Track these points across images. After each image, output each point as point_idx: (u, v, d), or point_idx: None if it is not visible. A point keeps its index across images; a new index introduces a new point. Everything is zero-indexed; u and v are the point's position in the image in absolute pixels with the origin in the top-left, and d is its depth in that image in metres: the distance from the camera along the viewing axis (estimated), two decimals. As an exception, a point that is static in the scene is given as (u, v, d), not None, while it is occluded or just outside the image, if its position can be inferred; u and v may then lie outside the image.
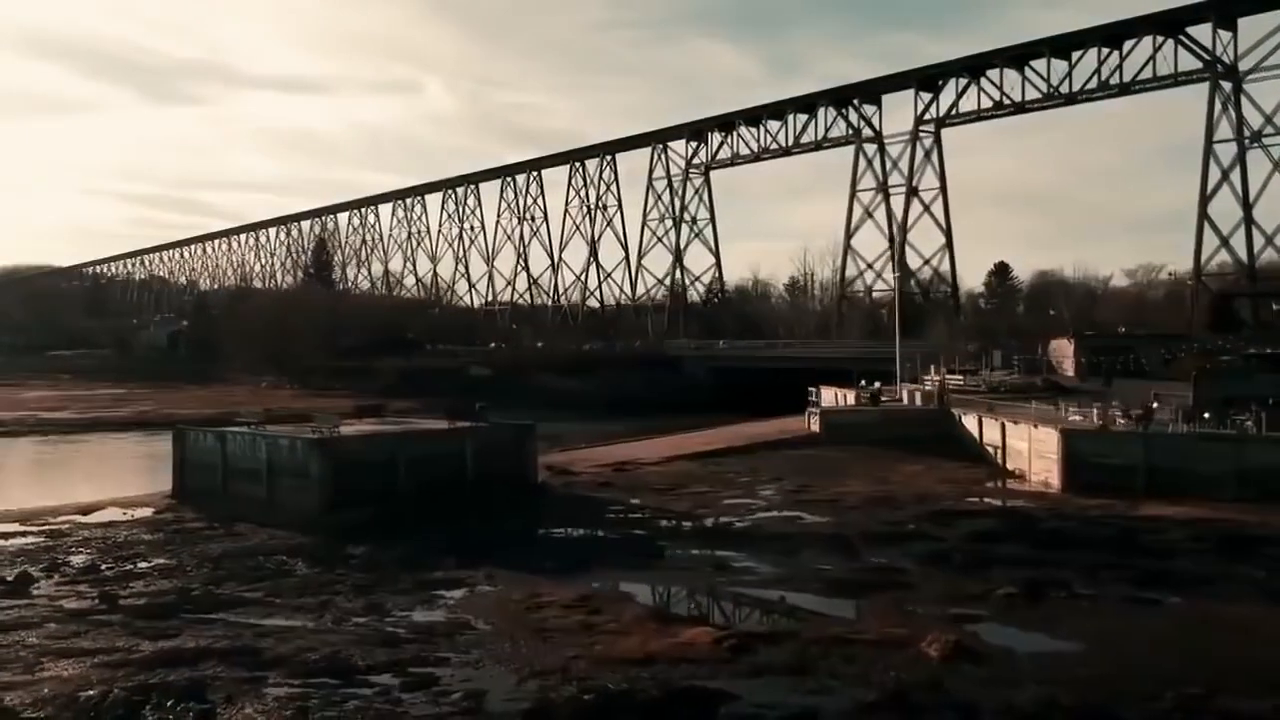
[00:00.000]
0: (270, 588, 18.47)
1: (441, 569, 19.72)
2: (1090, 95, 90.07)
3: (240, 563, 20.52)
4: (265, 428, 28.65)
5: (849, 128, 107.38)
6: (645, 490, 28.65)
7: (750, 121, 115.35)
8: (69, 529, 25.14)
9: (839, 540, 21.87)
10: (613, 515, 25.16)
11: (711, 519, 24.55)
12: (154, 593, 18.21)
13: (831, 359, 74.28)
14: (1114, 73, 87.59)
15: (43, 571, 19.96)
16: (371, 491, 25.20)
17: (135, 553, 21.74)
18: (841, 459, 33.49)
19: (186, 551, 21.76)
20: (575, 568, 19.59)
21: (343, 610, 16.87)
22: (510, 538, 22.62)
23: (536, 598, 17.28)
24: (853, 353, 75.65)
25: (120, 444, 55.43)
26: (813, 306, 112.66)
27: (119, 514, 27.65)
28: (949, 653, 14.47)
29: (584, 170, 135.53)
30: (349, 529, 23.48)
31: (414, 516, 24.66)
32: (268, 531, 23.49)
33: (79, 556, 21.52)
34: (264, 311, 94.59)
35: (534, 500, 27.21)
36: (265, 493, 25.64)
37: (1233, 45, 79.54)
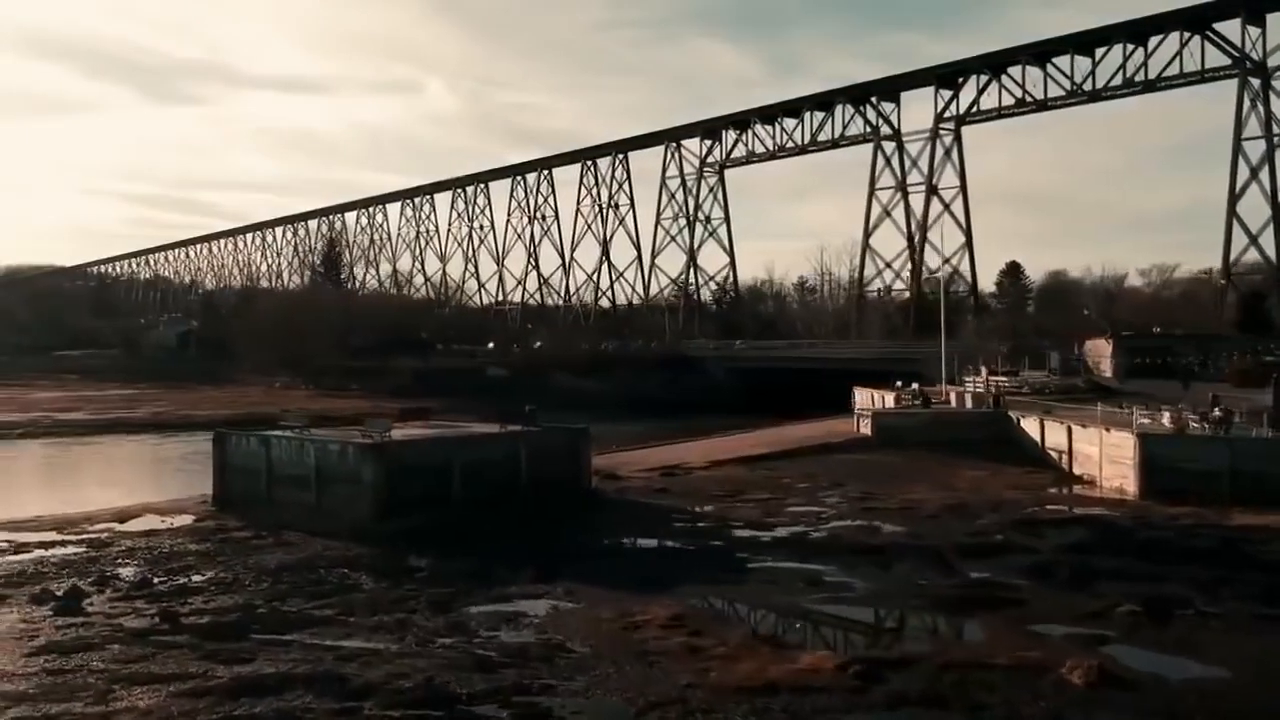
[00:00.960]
0: (339, 604, 17.32)
1: (516, 583, 18.59)
2: (1115, 92, 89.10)
3: (301, 576, 19.38)
4: (311, 431, 27.49)
5: (866, 125, 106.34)
6: (705, 497, 27.51)
7: (765, 119, 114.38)
8: (109, 538, 24.05)
9: (929, 552, 20.73)
10: (680, 524, 24.01)
11: (785, 528, 23.40)
12: (216, 610, 17.07)
13: (854, 359, 73.24)
14: (1139, 70, 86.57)
15: (93, 585, 18.84)
16: (425, 498, 24.11)
17: (186, 565, 20.60)
18: (898, 464, 32.37)
19: (240, 563, 20.63)
20: (658, 582, 18.44)
21: (424, 630, 15.71)
22: (581, 549, 21.47)
23: (629, 617, 16.13)
24: (876, 353, 74.67)
25: (138, 446, 54.37)
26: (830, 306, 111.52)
27: (157, 521, 26.56)
28: (1094, 679, 13.35)
29: (595, 169, 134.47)
30: (404, 538, 22.43)
31: (469, 525, 23.61)
32: (320, 541, 22.34)
33: (127, 569, 20.40)
34: (277, 311, 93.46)
35: (592, 507, 26.09)
36: (314, 499, 24.51)
37: (1262, 41, 78.56)
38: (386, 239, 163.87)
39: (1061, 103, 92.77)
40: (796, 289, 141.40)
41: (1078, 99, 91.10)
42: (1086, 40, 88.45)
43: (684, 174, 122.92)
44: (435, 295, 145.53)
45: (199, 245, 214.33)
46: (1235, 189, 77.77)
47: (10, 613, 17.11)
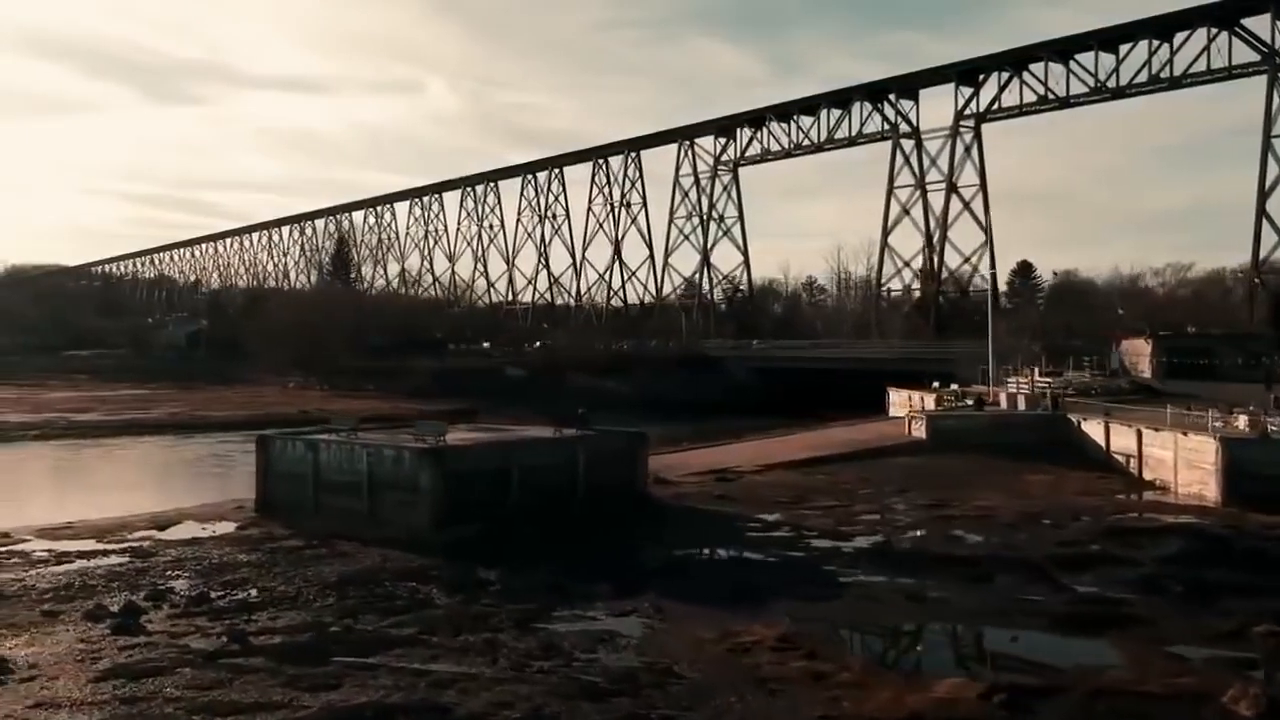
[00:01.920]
0: (416, 622, 16.21)
1: (597, 598, 17.50)
2: (1140, 89, 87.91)
3: (367, 590, 18.27)
4: (359, 434, 26.37)
5: (884, 123, 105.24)
6: (768, 504, 26.41)
7: (781, 117, 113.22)
8: (152, 547, 22.93)
9: (1025, 564, 19.63)
10: (752, 534, 22.90)
11: (863, 538, 22.30)
12: (286, 628, 15.96)
13: (880, 359, 72.18)
14: (1164, 67, 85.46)
15: (147, 600, 17.72)
16: (483, 506, 23.00)
17: (240, 577, 19.48)
18: (958, 468, 31.27)
19: (298, 576, 19.51)
20: (749, 598, 17.35)
21: (516, 652, 14.60)
22: (655, 560, 20.36)
23: (733, 638, 15.02)
24: (903, 353, 73.56)
25: (155, 447, 53.20)
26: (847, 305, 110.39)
27: (198, 528, 25.47)
28: (1263, 710, 12.27)
29: (607, 168, 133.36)
30: (463, 547, 21.35)
31: (529, 533, 22.53)
32: (379, 552, 21.23)
33: (180, 581, 19.29)
34: (290, 311, 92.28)
35: (653, 515, 24.97)
36: (366, 507, 23.39)
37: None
38: (395, 238, 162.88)
39: (1085, 100, 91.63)
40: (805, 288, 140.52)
41: (1101, 96, 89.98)
42: (1110, 37, 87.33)
43: (697, 172, 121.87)
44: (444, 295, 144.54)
45: (204, 245, 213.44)
46: (1265, 186, 76.63)
47: (66, 631, 16.01)
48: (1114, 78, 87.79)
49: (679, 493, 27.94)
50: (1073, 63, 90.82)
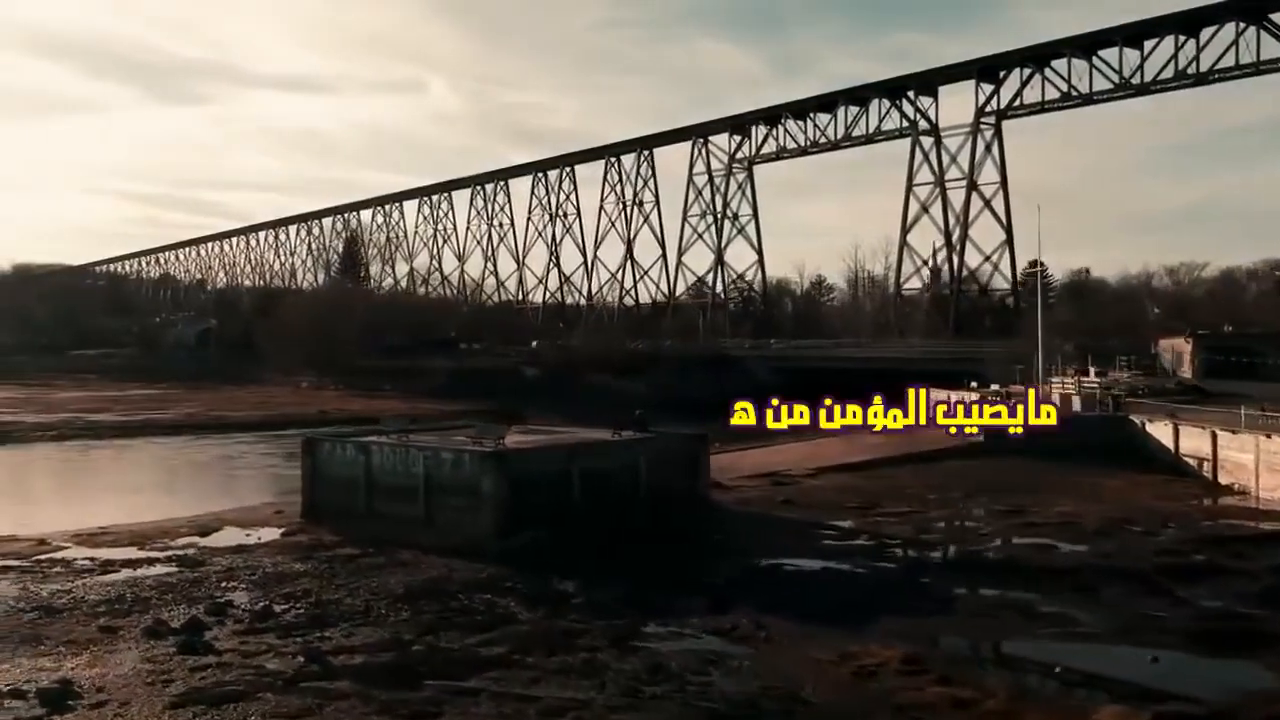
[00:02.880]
0: (503, 639, 15.11)
1: (690, 613, 16.40)
2: (1165, 85, 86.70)
3: (440, 603, 17.16)
4: (411, 437, 25.28)
5: (903, 120, 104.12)
6: (837, 509, 25.31)
7: (797, 114, 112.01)
8: (198, 555, 21.85)
9: (1130, 575, 18.53)
10: (830, 542, 21.81)
11: (950, 546, 21.20)
12: (365, 647, 14.85)
13: (906, 360, 71.02)
14: (1191, 62, 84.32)
15: (209, 615, 16.63)
16: (546, 511, 21.90)
17: (301, 589, 18.37)
18: (1023, 472, 30.11)
19: (363, 587, 18.41)
20: (852, 613, 16.28)
21: (623, 674, 13.49)
22: (739, 571, 19.25)
23: (854, 659, 13.93)
24: (928, 353, 72.43)
25: (174, 448, 52.08)
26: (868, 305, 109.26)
27: (241, 535, 24.39)
28: None
29: (619, 166, 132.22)
30: (527, 555, 20.28)
31: (595, 540, 21.46)
32: (442, 561, 20.15)
33: (238, 594, 18.18)
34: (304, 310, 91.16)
35: (719, 521, 23.88)
36: (422, 512, 22.28)
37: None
38: (403, 237, 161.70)
39: (1108, 96, 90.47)
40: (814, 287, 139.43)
41: (1125, 93, 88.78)
42: (1135, 32, 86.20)
43: (711, 170, 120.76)
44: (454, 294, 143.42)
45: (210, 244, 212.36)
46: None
47: (128, 649, 14.91)
48: (1139, 74, 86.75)
49: (740, 497, 26.85)
50: (1096, 59, 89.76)
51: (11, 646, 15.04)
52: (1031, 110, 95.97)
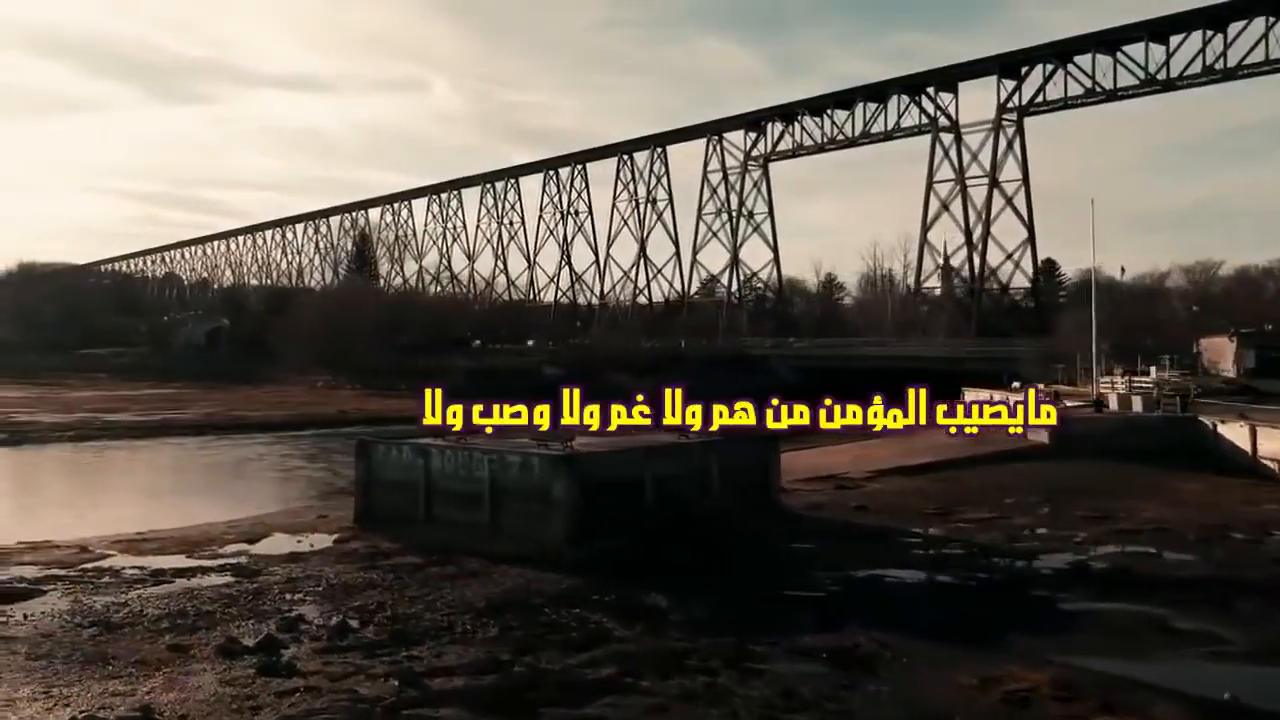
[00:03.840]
0: (608, 660, 13.96)
1: (798, 629, 15.26)
2: (1192, 81, 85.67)
3: (526, 618, 16.02)
4: (470, 439, 24.16)
5: (922, 116, 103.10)
6: (914, 515, 24.17)
7: (814, 111, 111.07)
8: (251, 563, 20.72)
9: (1259, 589, 17.38)
10: (919, 551, 20.67)
11: (1053, 556, 20.05)
12: (461, 668, 13.70)
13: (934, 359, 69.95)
14: (1219, 58, 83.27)
15: (281, 630, 15.49)
16: (619, 518, 20.78)
17: (374, 602, 17.21)
18: (1095, 475, 28.99)
19: (439, 600, 17.26)
20: (974, 630, 15.15)
21: (753, 701, 12.33)
22: (836, 584, 18.11)
23: (999, 683, 12.78)
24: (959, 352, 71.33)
25: (194, 448, 51.07)
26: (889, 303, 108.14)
27: (292, 542, 23.25)
28: None
29: (633, 164, 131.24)
30: (603, 565, 19.17)
31: (672, 550, 20.36)
32: (515, 571, 19.00)
33: (307, 607, 17.03)
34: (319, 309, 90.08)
35: (796, 529, 22.73)
36: (487, 519, 21.14)
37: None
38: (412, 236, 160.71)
39: (1133, 92, 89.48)
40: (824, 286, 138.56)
41: (1151, 89, 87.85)
42: (1160, 27, 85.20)
43: (726, 168, 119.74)
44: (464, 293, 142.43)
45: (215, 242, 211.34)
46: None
47: (202, 669, 13.77)
48: (1165, 70, 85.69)
49: (809, 502, 25.71)
50: (1120, 54, 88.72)
51: (77, 667, 13.91)
52: (1054, 107, 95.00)
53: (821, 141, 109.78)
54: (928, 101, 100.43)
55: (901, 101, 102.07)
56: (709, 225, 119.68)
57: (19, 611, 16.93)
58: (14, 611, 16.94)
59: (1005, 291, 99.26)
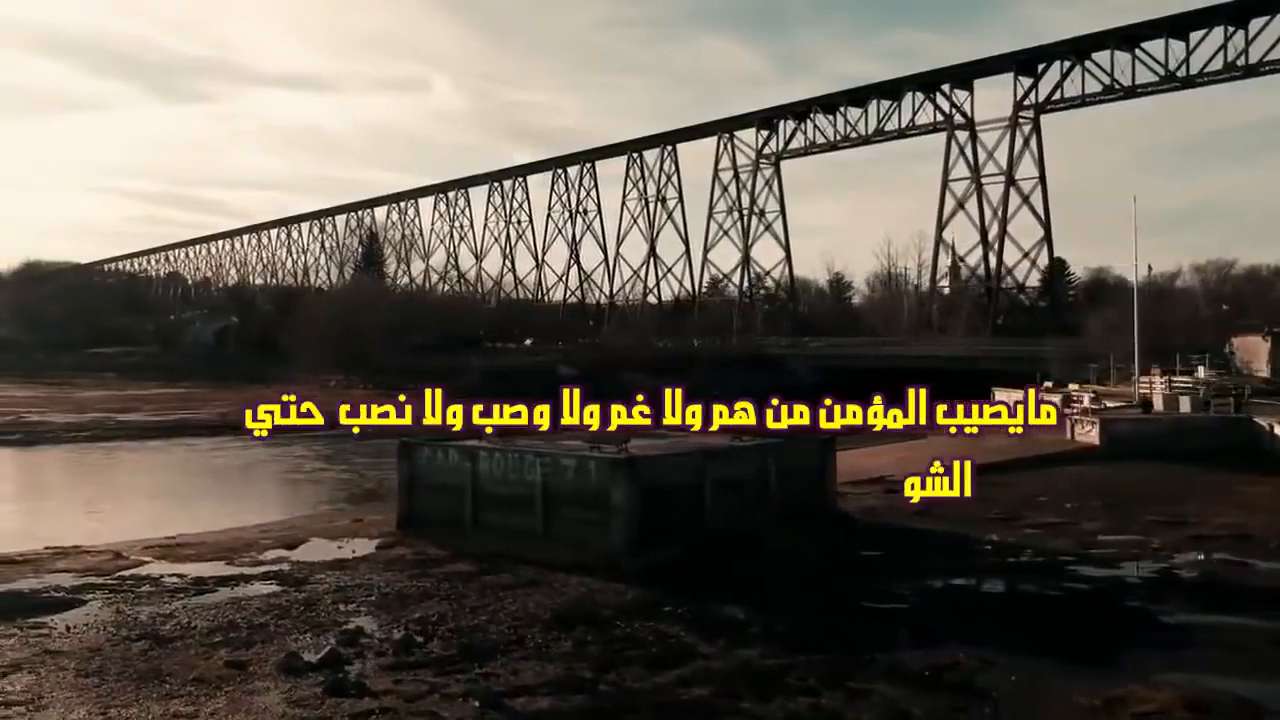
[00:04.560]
0: (697, 678, 13.08)
1: (893, 645, 14.40)
2: (1214, 77, 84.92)
3: (600, 632, 15.14)
4: (517, 442, 23.32)
5: (937, 113, 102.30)
6: (976, 520, 23.25)
7: (827, 108, 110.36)
8: (295, 571, 19.86)
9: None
10: (996, 559, 19.80)
11: (1136, 564, 19.18)
12: (542, 686, 12.82)
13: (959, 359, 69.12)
14: (1240, 54, 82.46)
15: (342, 644, 14.63)
16: (677, 524, 19.94)
17: (433, 613, 16.32)
18: (1154, 478, 28.11)
19: (501, 611, 16.40)
20: (1075, 644, 14.29)
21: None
22: (914, 594, 17.25)
23: (1120, 704, 11.91)
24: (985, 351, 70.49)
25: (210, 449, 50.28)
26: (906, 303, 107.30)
27: (333, 548, 22.40)
28: None
29: (642, 162, 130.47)
30: (663, 574, 18.35)
31: (730, 557, 19.54)
32: (575, 580, 18.15)
33: (364, 619, 16.17)
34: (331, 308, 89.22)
35: (858, 535, 21.89)
36: (540, 525, 20.27)
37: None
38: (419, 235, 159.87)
39: (1152, 89, 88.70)
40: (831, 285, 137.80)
41: (1170, 85, 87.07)
42: (1181, 23, 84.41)
43: (737, 166, 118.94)
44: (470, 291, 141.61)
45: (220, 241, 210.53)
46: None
47: (267, 689, 12.90)
48: (1185, 66, 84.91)
49: (863, 506, 24.84)
50: (1139, 50, 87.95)
51: (132, 685, 13.05)
52: (1072, 104, 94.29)
53: (835, 139, 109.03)
54: (943, 99, 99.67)
55: (916, 99, 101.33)
56: (720, 224, 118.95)
57: (60, 623, 16.12)
58: (55, 623, 16.13)
59: (1022, 290, 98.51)
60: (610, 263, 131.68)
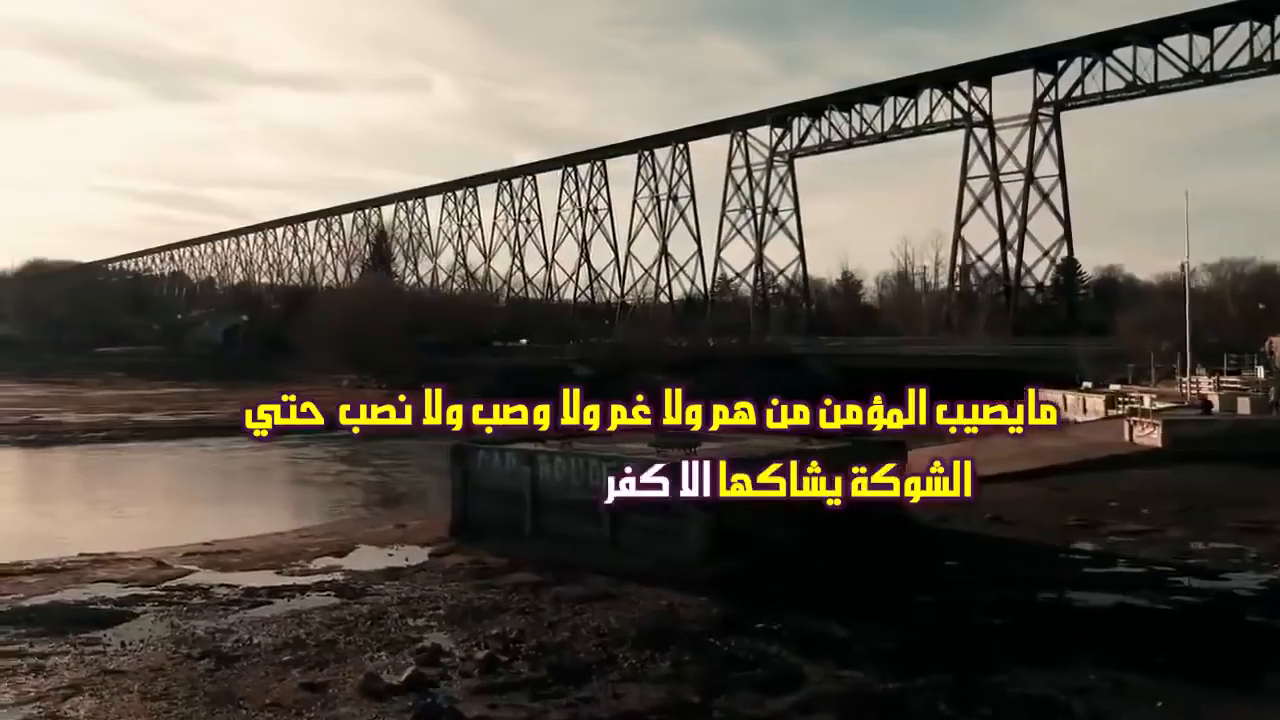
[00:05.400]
0: (815, 705, 12.09)
1: (1014, 665, 13.43)
2: (1238, 74, 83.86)
3: (697, 651, 14.14)
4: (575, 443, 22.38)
5: (955, 111, 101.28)
6: (1055, 528, 22.26)
7: (843, 106, 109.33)
8: (351, 580, 18.91)
9: None
10: (1090, 570, 18.80)
11: (1243, 575, 18.20)
12: (650, 714, 11.86)
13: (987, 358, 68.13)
14: (1267, 50, 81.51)
15: (422, 664, 13.65)
16: (750, 532, 19.00)
17: (511, 628, 15.30)
18: (1225, 481, 27.09)
19: (583, 627, 15.41)
20: (1205, 664, 13.33)
21: (1019, 759, 10.56)
22: (1022, 608, 16.27)
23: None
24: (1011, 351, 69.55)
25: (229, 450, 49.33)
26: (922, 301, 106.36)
27: (383, 555, 21.50)
28: None
29: (654, 160, 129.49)
30: (737, 584, 17.42)
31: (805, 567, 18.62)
32: (651, 591, 17.19)
33: (436, 634, 15.13)
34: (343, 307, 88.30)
35: (933, 544, 20.94)
36: (606, 533, 19.34)
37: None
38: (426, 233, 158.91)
39: (1175, 86, 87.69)
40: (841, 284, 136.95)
41: (1194, 82, 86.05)
42: (1204, 19, 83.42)
43: (750, 164, 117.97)
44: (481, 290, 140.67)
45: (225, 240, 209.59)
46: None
47: (351, 714, 11.92)
48: (1209, 63, 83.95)
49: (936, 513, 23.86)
50: (1161, 47, 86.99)
51: (204, 710, 12.08)
52: (1093, 100, 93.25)
53: (850, 137, 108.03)
54: (961, 96, 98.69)
55: (933, 96, 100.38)
56: (733, 222, 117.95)
57: (115, 639, 15.16)
58: (109, 639, 15.17)
59: (1041, 290, 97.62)
60: (621, 262, 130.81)
